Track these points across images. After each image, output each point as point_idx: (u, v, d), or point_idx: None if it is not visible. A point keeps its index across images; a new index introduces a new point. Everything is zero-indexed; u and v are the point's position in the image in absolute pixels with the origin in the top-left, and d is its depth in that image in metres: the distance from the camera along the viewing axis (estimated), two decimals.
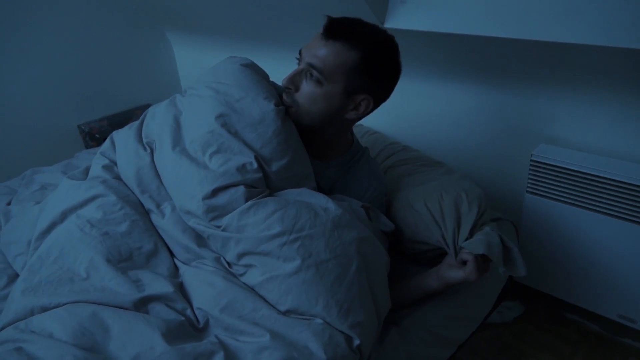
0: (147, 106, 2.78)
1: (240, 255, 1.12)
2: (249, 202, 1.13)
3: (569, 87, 1.57)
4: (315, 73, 1.19)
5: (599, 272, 1.61)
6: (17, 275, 1.25)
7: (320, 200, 1.17)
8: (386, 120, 2.05)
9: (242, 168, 1.17)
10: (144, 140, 1.33)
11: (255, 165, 1.17)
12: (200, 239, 1.20)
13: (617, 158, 1.55)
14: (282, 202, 1.14)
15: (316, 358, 0.97)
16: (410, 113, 1.99)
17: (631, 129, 1.53)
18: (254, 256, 1.10)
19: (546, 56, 1.49)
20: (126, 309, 1.04)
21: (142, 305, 1.05)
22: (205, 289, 1.10)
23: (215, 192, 1.14)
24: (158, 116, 1.36)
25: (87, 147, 2.54)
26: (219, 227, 1.14)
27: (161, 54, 2.89)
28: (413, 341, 1.25)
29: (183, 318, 1.05)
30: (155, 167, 1.28)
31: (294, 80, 1.23)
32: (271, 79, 1.43)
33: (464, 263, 1.22)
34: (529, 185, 1.65)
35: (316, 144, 1.33)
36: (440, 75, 1.85)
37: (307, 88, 1.22)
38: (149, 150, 1.30)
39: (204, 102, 1.28)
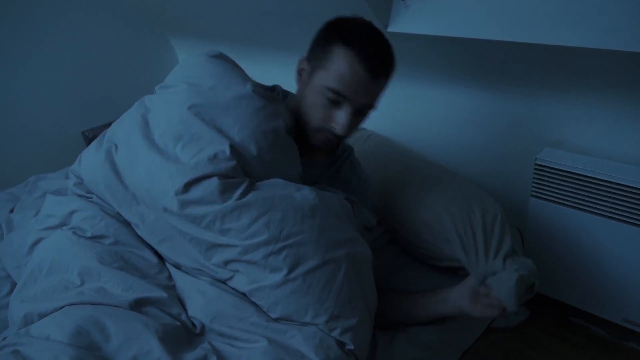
0: None
1: (227, 262, 1.08)
2: (231, 203, 1.06)
3: (574, 91, 1.57)
4: (369, 110, 1.21)
5: (604, 276, 1.61)
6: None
7: (308, 196, 1.12)
8: (389, 124, 2.05)
9: (214, 158, 1.09)
10: (104, 147, 1.24)
11: (227, 153, 1.10)
12: (178, 249, 1.14)
13: (623, 162, 1.55)
14: (266, 204, 1.08)
15: None
16: (413, 117, 1.99)
17: (636, 133, 1.53)
18: (240, 264, 1.07)
19: (551, 60, 1.49)
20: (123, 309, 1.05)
21: (137, 307, 1.05)
22: (196, 297, 1.09)
23: (187, 186, 1.08)
24: (125, 119, 1.28)
25: None
26: (199, 219, 1.08)
27: (165, 60, 2.89)
28: (419, 347, 1.24)
29: (178, 323, 1.04)
30: (114, 171, 1.20)
31: (352, 127, 1.21)
32: (276, 83, 1.42)
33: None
34: (534, 189, 1.64)
35: (306, 143, 1.27)
36: (444, 79, 1.85)
37: (355, 123, 1.21)
38: (103, 156, 1.21)
39: (175, 95, 1.21)
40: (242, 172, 1.13)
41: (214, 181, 1.07)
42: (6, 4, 2.20)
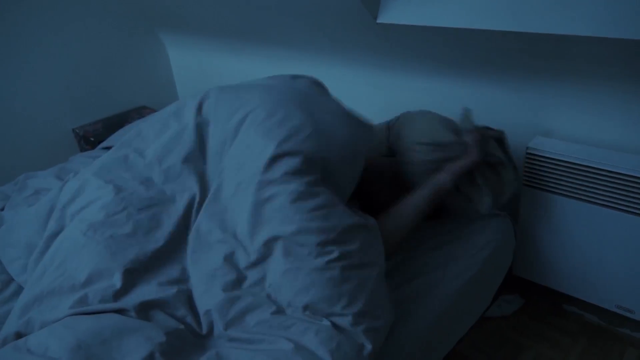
0: (142, 108, 2.78)
1: (271, 240, 1.12)
2: (303, 186, 1.15)
3: (564, 79, 1.57)
4: None
5: (596, 263, 1.61)
6: (11, 280, 1.25)
7: (360, 219, 1.21)
8: (380, 114, 2.05)
9: (301, 136, 1.21)
10: (191, 122, 1.36)
11: (309, 134, 1.23)
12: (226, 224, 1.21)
13: (613, 149, 1.55)
14: (331, 201, 1.17)
15: None
16: (404, 107, 1.98)
17: (626, 120, 1.53)
18: (285, 243, 1.11)
19: (541, 48, 1.48)
20: (127, 314, 1.04)
21: (142, 310, 1.05)
22: (210, 296, 1.10)
23: (272, 160, 1.18)
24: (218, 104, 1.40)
25: (82, 150, 2.53)
26: (269, 192, 1.16)
27: (155, 55, 2.88)
28: (412, 338, 1.24)
29: (183, 326, 1.04)
30: (201, 146, 1.33)
31: None
32: (266, 75, 1.49)
33: None
34: (525, 177, 1.64)
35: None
36: (434, 69, 1.84)
37: None
38: (190, 131, 1.34)
39: (276, 89, 1.37)
40: (316, 160, 1.21)
41: (294, 160, 1.17)
42: None
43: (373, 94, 2.10)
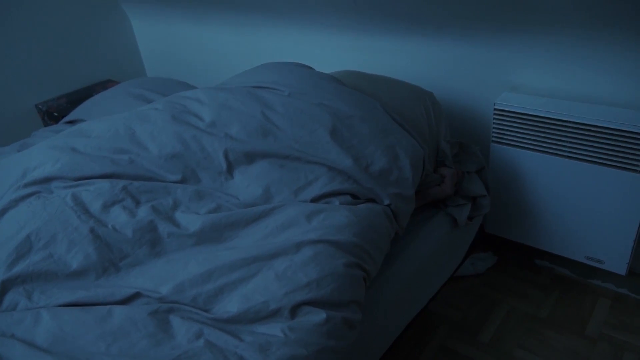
0: (107, 81, 2.71)
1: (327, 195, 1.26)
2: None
3: (529, 31, 1.55)
4: None
5: (565, 216, 1.63)
6: None
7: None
8: None
9: None
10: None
11: None
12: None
13: (582, 100, 1.55)
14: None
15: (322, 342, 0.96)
16: (374, 69, 1.97)
17: (594, 69, 1.52)
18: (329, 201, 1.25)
19: (502, 2, 1.47)
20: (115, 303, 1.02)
21: (128, 300, 1.02)
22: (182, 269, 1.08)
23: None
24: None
25: (46, 126, 2.46)
26: None
27: (118, 27, 2.79)
28: (383, 297, 1.25)
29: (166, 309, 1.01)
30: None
31: None
32: (233, 45, 1.42)
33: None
34: (494, 134, 1.64)
35: None
36: (402, 30, 1.81)
37: None
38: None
39: None
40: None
41: None
42: None
43: (343, 56, 2.07)
